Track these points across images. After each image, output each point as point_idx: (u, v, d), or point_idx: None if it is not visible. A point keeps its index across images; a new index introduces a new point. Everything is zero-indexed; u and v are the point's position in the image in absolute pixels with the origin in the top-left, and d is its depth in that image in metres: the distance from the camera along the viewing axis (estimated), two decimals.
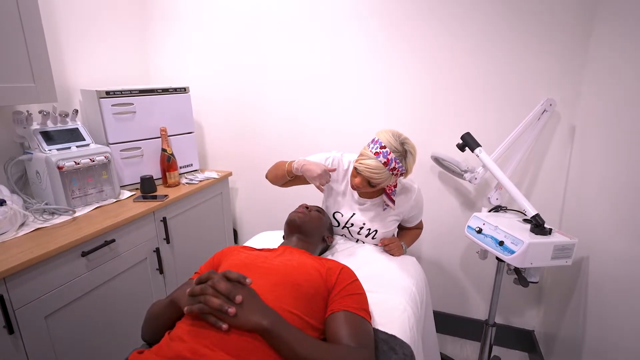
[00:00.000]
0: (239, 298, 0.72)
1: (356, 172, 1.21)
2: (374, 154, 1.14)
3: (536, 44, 1.49)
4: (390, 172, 1.15)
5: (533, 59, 1.51)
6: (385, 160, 1.13)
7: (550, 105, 1.46)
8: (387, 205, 1.31)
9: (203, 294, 0.73)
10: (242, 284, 0.76)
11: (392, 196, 1.29)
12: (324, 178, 1.27)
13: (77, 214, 1.39)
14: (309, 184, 1.47)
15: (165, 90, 1.77)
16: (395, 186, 1.29)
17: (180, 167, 1.87)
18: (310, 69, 1.85)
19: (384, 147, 1.14)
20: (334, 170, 1.32)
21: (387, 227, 1.35)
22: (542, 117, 1.48)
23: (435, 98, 1.68)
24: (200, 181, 1.84)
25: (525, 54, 1.51)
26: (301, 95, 1.91)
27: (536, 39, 1.49)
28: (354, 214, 1.36)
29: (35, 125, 1.44)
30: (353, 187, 1.26)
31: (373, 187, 1.21)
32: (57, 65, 1.61)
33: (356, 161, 1.19)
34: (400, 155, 1.15)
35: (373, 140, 1.18)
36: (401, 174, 1.19)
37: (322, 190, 1.31)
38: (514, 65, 1.54)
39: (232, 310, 0.70)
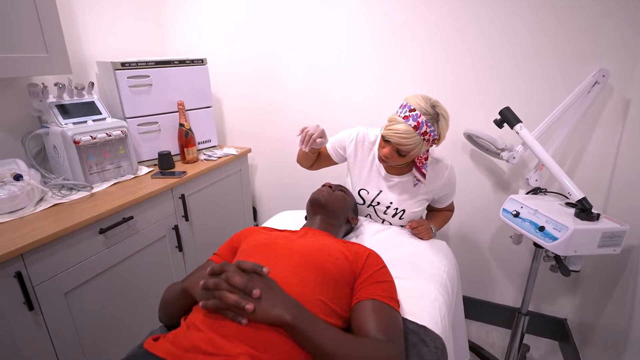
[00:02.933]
0: (256, 292, 0.66)
1: (384, 141, 1.12)
2: (403, 118, 1.05)
3: (588, 6, 1.32)
4: (422, 137, 1.05)
5: (584, 23, 1.34)
6: (416, 123, 1.04)
7: (603, 76, 1.30)
8: (418, 181, 1.22)
9: (217, 289, 0.66)
10: (258, 274, 0.70)
11: (423, 170, 1.19)
12: (312, 131, 1.13)
13: (94, 190, 1.36)
14: (337, 164, 1.40)
15: (182, 62, 1.69)
16: (426, 159, 1.19)
17: (199, 143, 1.82)
18: (332, 42, 1.73)
19: (414, 110, 1.05)
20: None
21: (416, 207, 1.27)
22: (593, 90, 1.33)
23: (470, 68, 1.54)
24: (219, 157, 1.78)
25: (575, 18, 1.35)
26: (323, 69, 1.79)
27: (591, 1, 1.32)
28: (380, 191, 1.28)
29: (51, 99, 1.40)
30: (381, 159, 1.18)
31: (403, 157, 1.12)
32: (73, 36, 1.56)
33: (384, 128, 1.10)
34: (431, 119, 1.05)
35: (401, 105, 1.09)
36: (433, 141, 1.09)
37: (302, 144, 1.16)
38: (561, 30, 1.38)
39: (249, 306, 0.64)
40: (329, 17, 1.70)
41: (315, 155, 1.34)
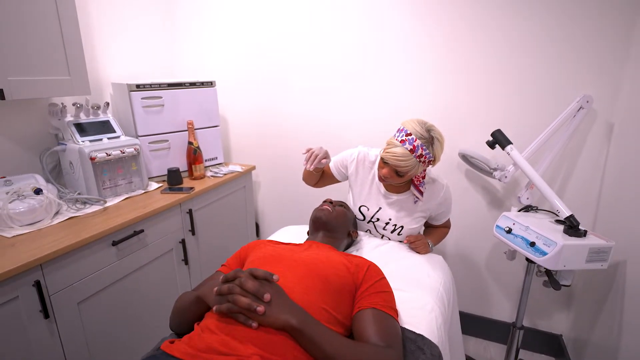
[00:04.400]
0: (267, 296, 0.72)
1: (383, 162, 1.20)
2: (400, 141, 1.13)
3: (574, 38, 1.43)
4: (417, 160, 1.13)
5: (569, 53, 1.45)
6: (412, 147, 1.12)
7: (587, 102, 1.40)
8: (417, 198, 1.29)
9: (231, 293, 0.72)
10: (269, 282, 0.76)
11: (421, 188, 1.27)
12: (317, 152, 1.25)
13: (107, 204, 1.43)
14: (339, 182, 1.47)
15: (192, 84, 1.79)
16: (423, 177, 1.27)
17: (206, 160, 1.89)
18: (336, 64, 1.84)
19: (410, 135, 1.13)
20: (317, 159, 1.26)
21: (413, 224, 1.33)
22: (578, 114, 1.42)
23: (465, 93, 1.64)
24: (225, 174, 1.86)
25: (562, 48, 1.45)
26: (327, 90, 1.89)
27: (574, 33, 1.42)
28: (380, 208, 1.35)
29: (69, 117, 1.48)
30: (380, 179, 1.25)
31: (401, 177, 1.19)
32: (90, 59, 1.65)
33: (383, 151, 1.18)
34: (426, 142, 1.13)
35: (399, 129, 1.17)
36: (429, 162, 1.17)
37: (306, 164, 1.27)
38: (548, 59, 1.48)
39: (260, 308, 0.70)
40: (334, 43, 1.81)
41: (319, 174, 1.42)
